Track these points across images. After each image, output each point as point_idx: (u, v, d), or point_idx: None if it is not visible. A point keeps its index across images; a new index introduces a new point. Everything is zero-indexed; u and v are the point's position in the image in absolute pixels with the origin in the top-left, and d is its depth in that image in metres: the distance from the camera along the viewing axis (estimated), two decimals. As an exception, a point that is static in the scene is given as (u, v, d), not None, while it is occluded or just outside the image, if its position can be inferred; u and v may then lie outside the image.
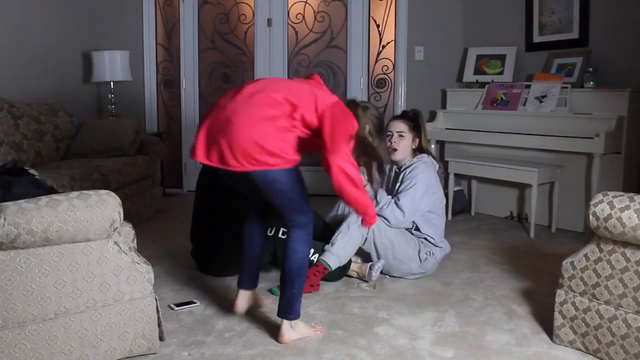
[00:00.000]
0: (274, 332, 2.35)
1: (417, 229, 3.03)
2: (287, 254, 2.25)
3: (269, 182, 2.12)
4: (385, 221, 2.92)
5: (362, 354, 2.20)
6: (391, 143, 3.07)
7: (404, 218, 2.93)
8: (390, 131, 3.09)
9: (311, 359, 2.16)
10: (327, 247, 2.86)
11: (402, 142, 3.06)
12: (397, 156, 3.08)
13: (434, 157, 3.14)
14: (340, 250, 2.85)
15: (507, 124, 4.23)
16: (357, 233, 2.87)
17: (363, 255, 3.04)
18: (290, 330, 2.28)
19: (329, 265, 2.82)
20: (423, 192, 2.97)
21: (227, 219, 2.95)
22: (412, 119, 3.12)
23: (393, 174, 3.18)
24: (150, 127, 5.33)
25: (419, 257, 2.97)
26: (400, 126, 3.08)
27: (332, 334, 2.36)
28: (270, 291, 2.80)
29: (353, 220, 2.88)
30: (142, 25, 5.25)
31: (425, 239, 3.02)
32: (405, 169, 3.06)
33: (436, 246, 3.04)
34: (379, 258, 2.95)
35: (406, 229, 3.03)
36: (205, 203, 3.08)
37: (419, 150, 3.13)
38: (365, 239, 2.90)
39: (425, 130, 3.15)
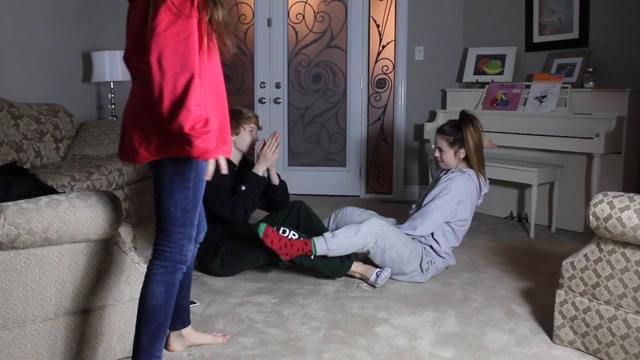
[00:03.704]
0: (274, 332, 2.35)
1: (434, 239, 3.00)
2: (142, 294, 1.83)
3: None
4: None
5: (362, 354, 2.20)
6: (435, 156, 3.12)
7: (414, 232, 2.94)
8: (435, 144, 3.13)
9: (311, 359, 2.16)
10: (326, 234, 2.84)
11: (443, 155, 3.06)
12: (443, 166, 3.11)
13: (479, 174, 3.04)
14: (334, 245, 2.79)
15: (507, 124, 4.23)
16: (361, 241, 2.83)
17: (362, 254, 3.03)
18: None
19: (315, 250, 2.78)
20: (452, 206, 2.94)
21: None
22: (452, 132, 3.03)
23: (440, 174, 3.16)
24: (150, 127, 5.32)
25: (421, 267, 2.95)
26: (439, 142, 3.07)
27: (332, 334, 2.36)
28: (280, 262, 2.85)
29: (364, 229, 2.83)
30: (142, 25, 5.24)
31: (431, 246, 2.99)
32: (445, 174, 3.04)
33: (439, 256, 3.00)
34: (383, 267, 2.92)
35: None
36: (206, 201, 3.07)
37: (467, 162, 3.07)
38: (368, 251, 2.88)
39: (472, 142, 3.00)
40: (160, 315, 1.79)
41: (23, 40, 4.26)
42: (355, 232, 2.83)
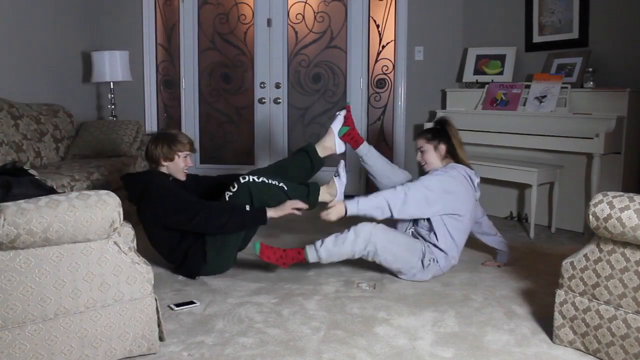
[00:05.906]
0: (274, 332, 2.36)
1: (435, 233, 2.95)
2: None
3: None
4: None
5: (362, 354, 2.20)
6: (418, 161, 3.16)
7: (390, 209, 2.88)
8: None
9: (311, 359, 2.16)
10: (317, 242, 2.87)
11: (425, 155, 3.09)
12: (427, 168, 3.12)
13: (469, 168, 3.03)
14: (324, 254, 2.86)
15: (507, 124, 4.24)
16: (349, 249, 2.86)
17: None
18: None
19: (308, 259, 2.87)
20: (432, 195, 2.88)
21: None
22: (432, 129, 3.14)
23: None
24: (150, 127, 5.33)
25: (422, 263, 2.95)
26: (419, 142, 3.13)
27: (332, 334, 2.36)
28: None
29: (351, 237, 2.85)
30: (142, 25, 5.26)
31: (434, 245, 2.96)
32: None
33: (443, 252, 2.96)
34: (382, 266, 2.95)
35: (416, 233, 3.03)
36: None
37: (453, 157, 3.07)
38: (363, 256, 2.89)
39: (456, 138, 3.07)
40: None
41: (23, 40, 4.26)
42: (343, 240, 2.86)
